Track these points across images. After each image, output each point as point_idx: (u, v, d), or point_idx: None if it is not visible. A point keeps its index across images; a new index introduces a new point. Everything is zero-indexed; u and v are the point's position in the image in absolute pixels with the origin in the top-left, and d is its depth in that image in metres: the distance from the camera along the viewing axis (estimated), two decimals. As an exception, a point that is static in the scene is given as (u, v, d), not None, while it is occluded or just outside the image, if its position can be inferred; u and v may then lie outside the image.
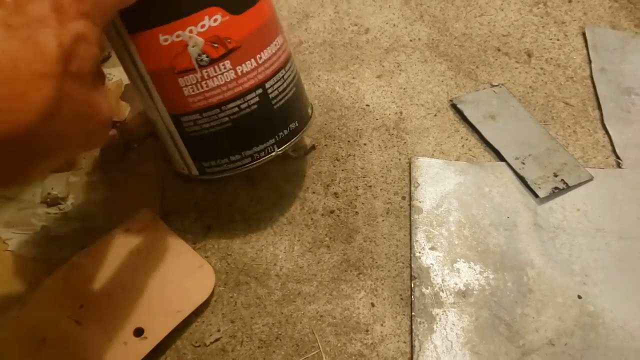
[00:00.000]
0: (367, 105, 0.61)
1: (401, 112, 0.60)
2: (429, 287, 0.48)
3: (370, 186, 0.55)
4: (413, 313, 0.47)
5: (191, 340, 0.46)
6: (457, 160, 0.56)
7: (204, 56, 0.43)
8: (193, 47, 0.42)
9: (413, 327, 0.46)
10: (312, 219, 0.53)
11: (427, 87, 0.63)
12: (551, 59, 0.65)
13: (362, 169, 0.56)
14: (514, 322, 0.47)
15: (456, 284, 0.48)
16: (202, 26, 0.42)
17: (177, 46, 0.42)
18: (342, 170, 0.56)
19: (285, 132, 0.49)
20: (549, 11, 0.70)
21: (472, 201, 0.53)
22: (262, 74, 0.46)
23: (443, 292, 0.48)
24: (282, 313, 0.47)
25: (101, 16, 0.31)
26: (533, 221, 0.52)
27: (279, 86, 0.47)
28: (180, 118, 0.47)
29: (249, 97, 0.46)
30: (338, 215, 0.53)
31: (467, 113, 0.59)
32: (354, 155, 0.57)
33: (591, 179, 0.55)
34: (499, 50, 0.66)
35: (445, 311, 0.47)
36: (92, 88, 0.31)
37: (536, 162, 0.55)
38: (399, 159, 0.57)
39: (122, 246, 0.49)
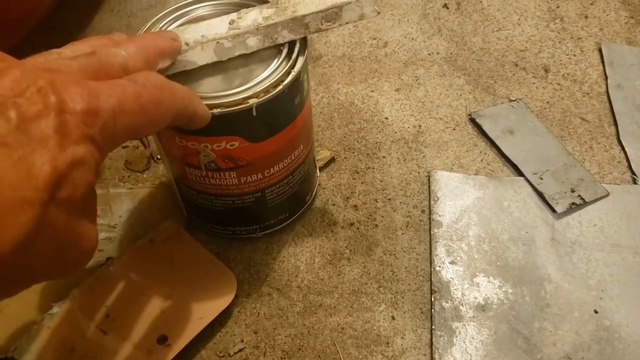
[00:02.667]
0: (386, 118, 0.62)
1: (420, 126, 0.61)
2: (449, 301, 0.49)
3: (389, 199, 0.56)
4: (433, 326, 0.48)
5: (215, 351, 0.47)
6: (476, 174, 0.57)
7: (212, 164, 0.44)
8: (205, 156, 0.43)
9: (433, 340, 0.47)
10: (332, 231, 0.54)
11: (446, 101, 0.64)
12: (568, 74, 0.66)
13: (381, 181, 0.57)
14: (531, 336, 0.47)
15: (476, 297, 0.49)
16: (218, 146, 0.42)
17: (190, 149, 0.43)
18: (362, 182, 0.57)
19: (272, 221, 0.52)
20: (565, 27, 0.71)
21: (491, 215, 0.54)
22: (266, 183, 0.47)
23: (463, 305, 0.49)
24: (304, 324, 0.48)
25: (108, 143, 0.28)
26: (551, 236, 0.53)
27: (280, 190, 0.49)
28: (181, 185, 0.49)
29: (245, 197, 0.48)
30: (358, 228, 0.54)
31: (485, 127, 0.60)
32: (373, 168, 0.58)
33: (607, 195, 0.55)
34: (516, 65, 0.67)
35: (464, 325, 0.48)
36: (80, 215, 0.28)
37: (554, 177, 0.56)
38: (418, 172, 0.58)
39: (146, 256, 0.50)
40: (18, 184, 0.24)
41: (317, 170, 0.57)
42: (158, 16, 0.45)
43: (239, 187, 0.46)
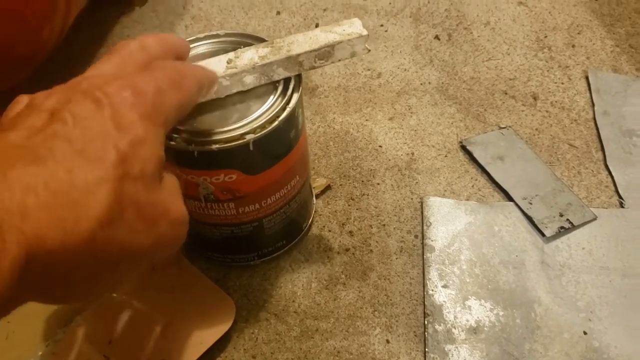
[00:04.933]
0: (380, 146, 0.64)
1: (413, 153, 0.63)
2: (442, 324, 0.50)
3: (383, 225, 0.57)
4: (426, 349, 0.49)
5: (215, 375, 0.48)
6: (468, 200, 0.59)
7: (211, 196, 0.46)
8: (204, 189, 0.45)
9: (427, 362, 0.48)
10: (328, 256, 0.55)
11: (438, 129, 0.66)
12: (556, 102, 0.68)
13: (375, 208, 0.59)
14: (522, 358, 0.49)
15: (468, 320, 0.51)
16: (217, 179, 0.44)
17: (189, 182, 0.44)
18: (357, 209, 0.59)
19: (270, 249, 0.54)
20: (553, 55, 0.73)
21: (482, 240, 0.56)
22: (263, 212, 0.49)
23: (455, 328, 0.50)
24: (301, 349, 0.49)
25: (163, 116, 0.31)
26: (540, 259, 0.54)
27: (277, 219, 0.51)
28: None
29: (244, 226, 0.50)
30: (353, 253, 0.55)
31: (476, 154, 0.62)
32: (368, 195, 0.60)
33: (595, 219, 0.57)
34: (506, 93, 0.69)
35: (457, 347, 0.49)
36: (158, 189, 0.31)
37: (543, 202, 0.58)
38: (411, 199, 0.59)
39: (148, 284, 0.52)
40: (89, 169, 0.26)
41: (314, 198, 0.58)
42: None
43: (237, 217, 0.48)
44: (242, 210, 0.47)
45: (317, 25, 0.77)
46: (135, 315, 0.50)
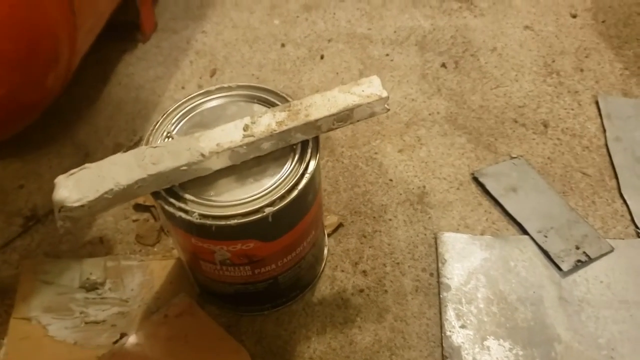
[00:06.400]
0: (391, 180, 0.63)
1: (424, 186, 0.62)
2: (461, 367, 0.49)
3: (398, 263, 0.56)
4: (446, 394, 0.48)
5: None
6: (482, 234, 0.58)
7: (227, 261, 0.45)
8: (220, 255, 0.44)
9: (447, 408, 0.47)
10: (342, 298, 0.54)
11: (448, 160, 0.65)
12: (567, 128, 0.67)
13: (389, 245, 0.58)
14: (545, 399, 0.48)
15: (487, 362, 0.50)
16: (234, 248, 0.43)
17: (205, 249, 0.44)
18: (370, 247, 0.58)
19: (284, 299, 0.53)
20: (562, 81, 0.72)
21: (498, 276, 0.55)
22: (279, 271, 0.48)
23: (475, 371, 0.49)
24: (318, 396, 0.49)
25: None
26: (558, 295, 0.53)
27: (292, 274, 0.50)
28: (194, 271, 0.51)
29: (259, 284, 0.49)
30: (368, 294, 0.54)
31: (489, 186, 0.61)
32: (380, 232, 0.59)
33: (612, 250, 0.56)
34: (516, 121, 0.68)
35: (477, 391, 0.48)
36: None
37: (558, 234, 0.57)
38: (425, 234, 0.58)
39: (160, 333, 0.51)
40: None
41: (326, 238, 0.58)
42: (167, 111, 0.46)
43: (252, 277, 0.47)
44: (257, 272, 0.46)
45: (322, 57, 0.77)
46: (149, 366, 0.49)
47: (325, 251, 0.57)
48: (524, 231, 0.58)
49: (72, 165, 0.39)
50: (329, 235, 0.59)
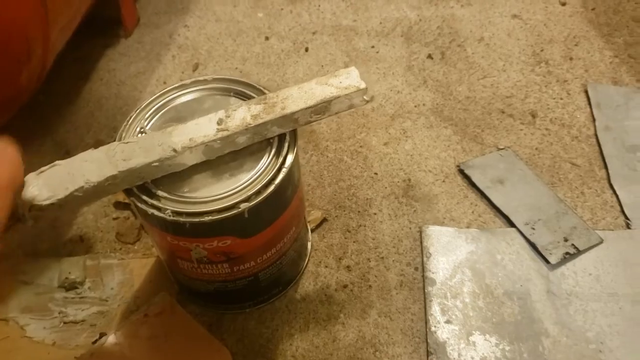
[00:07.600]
0: (376, 173, 0.62)
1: (409, 179, 0.61)
2: (446, 363, 0.48)
3: (382, 257, 0.55)
4: (431, 391, 0.47)
5: None
6: (468, 227, 0.57)
7: (205, 259, 0.44)
8: (196, 253, 0.43)
9: (431, 405, 0.46)
10: (325, 294, 0.53)
11: (434, 153, 0.64)
12: (555, 118, 0.66)
13: (373, 239, 0.57)
14: (532, 395, 0.47)
15: (472, 357, 0.48)
16: (210, 245, 0.42)
17: (181, 247, 0.43)
18: (354, 242, 0.57)
19: (266, 297, 0.52)
20: (550, 70, 0.71)
21: (485, 270, 0.54)
22: (258, 268, 0.47)
23: (460, 367, 0.48)
24: (300, 395, 0.48)
25: None
26: (546, 288, 0.52)
27: (273, 271, 0.49)
28: (172, 269, 0.50)
29: (238, 282, 0.48)
30: (352, 290, 0.53)
31: (475, 178, 0.60)
32: (365, 226, 0.58)
33: (601, 242, 0.55)
34: (503, 112, 0.67)
35: (463, 387, 0.47)
36: None
37: (546, 226, 0.56)
38: (410, 228, 0.57)
39: (140, 332, 0.50)
40: None
41: (309, 233, 0.56)
42: (141, 106, 0.45)
43: (231, 275, 0.46)
44: (236, 269, 0.45)
45: (306, 50, 0.76)
46: (127, 367, 0.48)
47: (309, 247, 0.56)
48: (511, 224, 0.57)
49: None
50: (312, 230, 0.57)
